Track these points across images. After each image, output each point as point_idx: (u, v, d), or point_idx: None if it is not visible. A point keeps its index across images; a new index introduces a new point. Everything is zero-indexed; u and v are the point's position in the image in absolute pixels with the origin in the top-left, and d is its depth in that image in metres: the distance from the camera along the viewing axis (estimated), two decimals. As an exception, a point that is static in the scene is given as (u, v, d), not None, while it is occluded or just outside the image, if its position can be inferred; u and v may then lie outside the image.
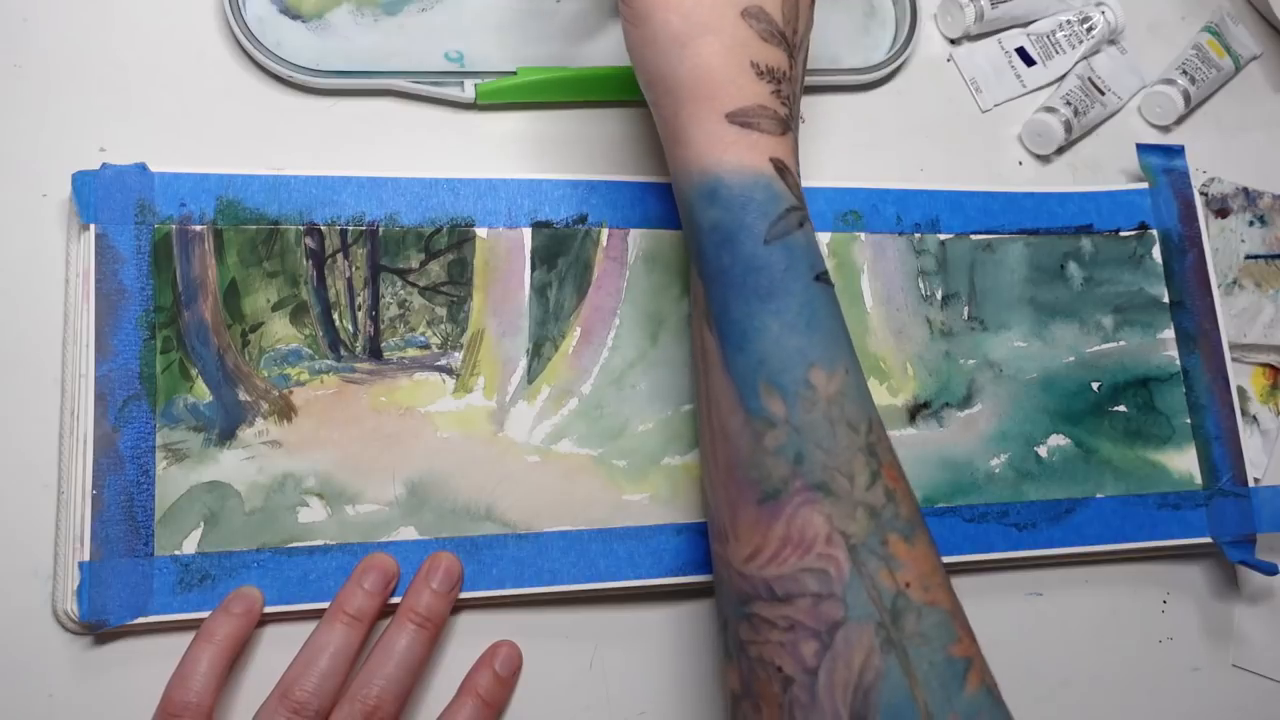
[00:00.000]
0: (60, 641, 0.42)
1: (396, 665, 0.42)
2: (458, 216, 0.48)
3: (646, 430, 0.47)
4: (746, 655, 0.37)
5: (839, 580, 0.36)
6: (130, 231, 0.44)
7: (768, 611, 0.37)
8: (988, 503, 0.50)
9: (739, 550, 0.38)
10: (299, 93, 0.50)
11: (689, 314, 0.49)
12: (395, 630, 0.42)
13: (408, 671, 0.42)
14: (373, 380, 0.45)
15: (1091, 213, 0.55)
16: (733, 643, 0.38)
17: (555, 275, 0.48)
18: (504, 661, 0.45)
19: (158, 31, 0.49)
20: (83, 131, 0.47)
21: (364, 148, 0.50)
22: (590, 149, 0.52)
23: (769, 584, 0.37)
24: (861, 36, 0.57)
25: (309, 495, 0.44)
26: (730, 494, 0.39)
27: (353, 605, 0.42)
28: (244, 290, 0.45)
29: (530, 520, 0.45)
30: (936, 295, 0.53)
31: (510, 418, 0.46)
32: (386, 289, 0.47)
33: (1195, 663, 0.53)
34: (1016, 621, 0.51)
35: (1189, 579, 0.54)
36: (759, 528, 0.37)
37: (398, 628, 0.42)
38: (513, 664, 0.45)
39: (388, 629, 0.42)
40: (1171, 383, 0.54)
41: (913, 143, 0.56)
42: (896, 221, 0.53)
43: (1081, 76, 0.59)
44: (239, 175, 0.46)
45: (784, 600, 0.36)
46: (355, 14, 0.51)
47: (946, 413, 0.51)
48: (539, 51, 0.52)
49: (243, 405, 0.44)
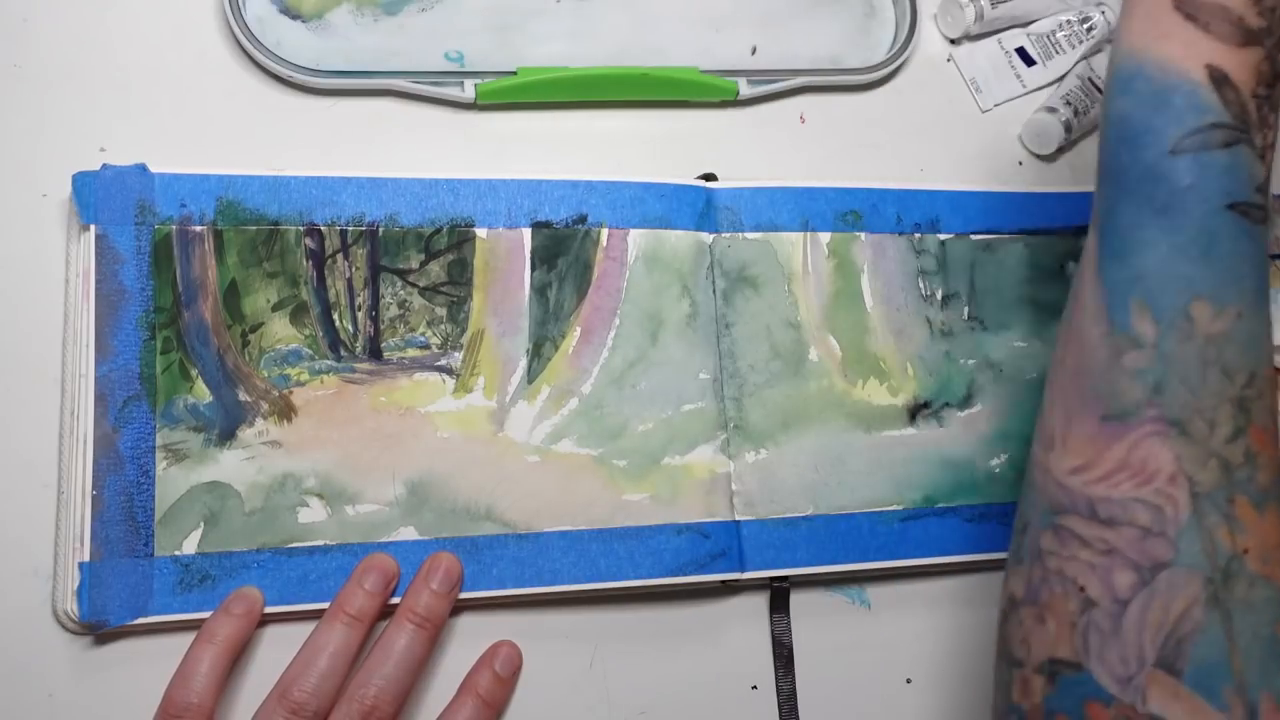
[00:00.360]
0: (60, 641, 0.42)
1: (395, 665, 0.41)
2: (458, 217, 0.48)
3: (646, 430, 0.47)
4: (1043, 564, 0.36)
5: (1173, 522, 0.34)
6: (130, 232, 0.44)
7: (1082, 528, 0.36)
8: (988, 503, 0.50)
9: (1064, 460, 0.37)
10: (299, 93, 0.50)
11: (686, 314, 0.49)
12: (394, 630, 0.42)
13: (406, 671, 0.42)
14: (373, 380, 0.45)
15: (1091, 213, 0.55)
16: (1029, 548, 0.37)
17: (555, 275, 0.48)
18: (504, 661, 0.45)
19: (158, 31, 0.49)
20: (83, 132, 0.47)
21: (364, 148, 0.50)
22: (590, 149, 0.52)
23: (1092, 502, 0.36)
24: (861, 36, 0.57)
25: (309, 495, 0.44)
26: (1070, 402, 0.37)
27: (353, 605, 0.42)
28: (244, 290, 0.45)
29: (530, 520, 0.45)
30: (936, 295, 0.53)
31: (510, 418, 0.46)
32: (386, 289, 0.47)
33: (1195, 663, 0.53)
34: (1016, 621, 0.51)
35: (1189, 579, 0.54)
36: (1095, 444, 0.36)
37: (397, 628, 0.42)
38: (513, 664, 0.45)
39: (386, 629, 0.42)
40: (1171, 383, 0.54)
41: (913, 143, 0.56)
42: (896, 221, 0.53)
43: (1081, 76, 0.59)
44: (239, 176, 0.46)
45: (1105, 523, 0.35)
46: (355, 14, 0.51)
47: (947, 413, 0.51)
48: (539, 51, 0.52)
49: (243, 405, 0.44)
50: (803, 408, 0.49)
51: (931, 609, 0.50)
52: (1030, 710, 0.36)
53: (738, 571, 0.47)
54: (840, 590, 0.50)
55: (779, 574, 0.47)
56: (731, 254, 0.50)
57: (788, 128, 0.55)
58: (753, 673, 0.48)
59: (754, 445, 0.48)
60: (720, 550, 0.47)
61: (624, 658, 0.47)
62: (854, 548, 0.48)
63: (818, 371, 0.50)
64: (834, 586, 0.50)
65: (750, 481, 0.48)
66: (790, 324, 0.50)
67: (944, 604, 0.50)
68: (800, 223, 0.51)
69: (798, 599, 0.49)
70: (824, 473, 0.49)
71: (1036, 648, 0.36)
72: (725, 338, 0.49)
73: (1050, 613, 0.36)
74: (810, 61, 0.56)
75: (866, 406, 0.50)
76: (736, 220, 0.51)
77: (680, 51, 0.54)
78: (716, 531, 0.47)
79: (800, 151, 0.55)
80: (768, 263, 0.51)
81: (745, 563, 0.47)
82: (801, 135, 0.55)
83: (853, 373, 0.51)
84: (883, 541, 0.49)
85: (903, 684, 0.49)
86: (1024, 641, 0.37)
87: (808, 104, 0.55)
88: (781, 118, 0.55)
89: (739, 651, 0.48)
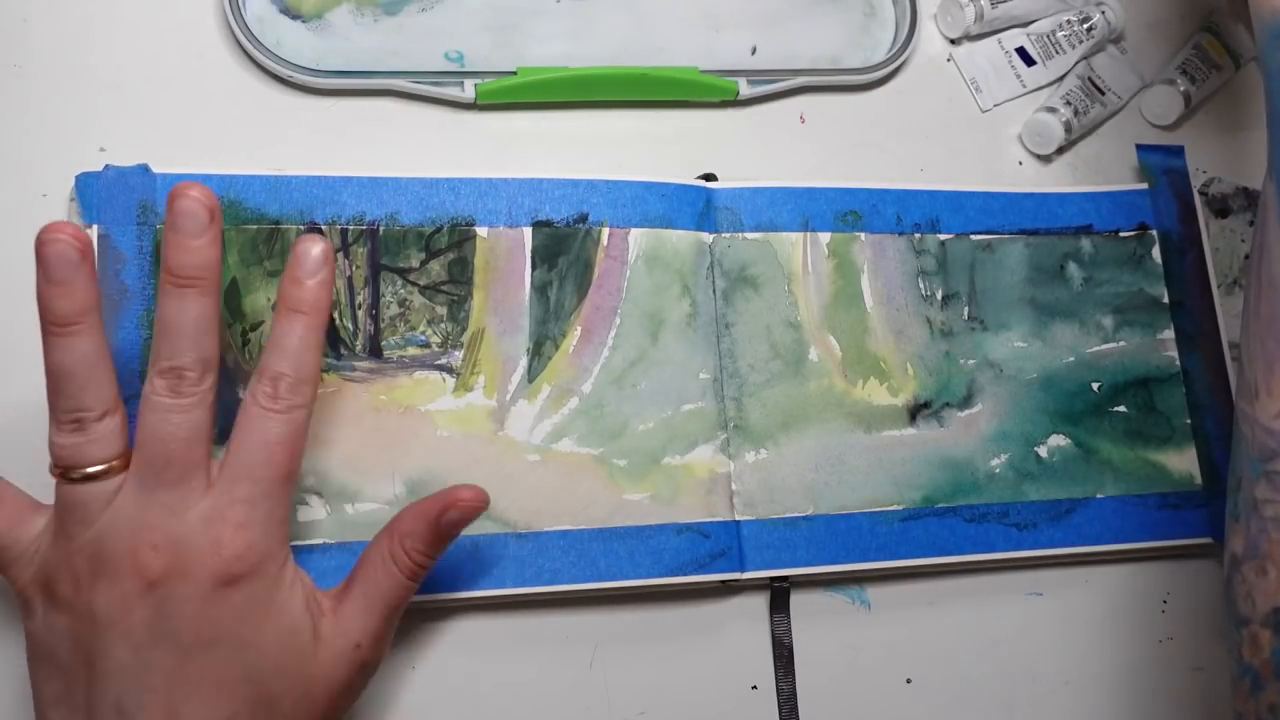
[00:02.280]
0: (60, 641, 0.42)
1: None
2: (458, 216, 0.48)
3: (647, 430, 0.47)
4: (1260, 515, 0.36)
5: None
6: (132, 232, 0.44)
7: None
8: (988, 503, 0.50)
9: (1270, 405, 0.36)
10: (299, 93, 0.50)
11: (686, 314, 0.49)
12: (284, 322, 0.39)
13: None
14: (373, 379, 0.45)
15: (1091, 213, 0.56)
16: (1245, 502, 0.36)
17: (556, 274, 0.48)
18: (300, 264, 0.39)
19: (157, 31, 0.49)
20: (83, 132, 0.47)
21: (364, 147, 0.50)
22: (590, 149, 0.52)
23: None
24: (861, 36, 0.57)
25: (308, 494, 0.44)
26: (1270, 348, 0.37)
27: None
28: (245, 289, 0.45)
29: (530, 519, 0.45)
30: (936, 295, 0.53)
31: (510, 416, 0.46)
32: (387, 288, 0.47)
33: (1195, 663, 0.53)
34: (1016, 621, 0.51)
35: (1189, 579, 0.54)
36: None
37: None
38: (309, 261, 0.39)
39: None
40: (1171, 383, 0.54)
41: (913, 143, 0.56)
42: (896, 221, 0.53)
43: (1081, 76, 0.59)
44: (240, 175, 0.46)
45: None
46: (355, 14, 0.51)
47: (947, 413, 0.51)
48: (539, 51, 0.52)
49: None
50: (803, 408, 0.49)
51: (931, 609, 0.50)
52: (1261, 666, 0.35)
53: (738, 571, 0.47)
54: (840, 590, 0.50)
55: (779, 574, 0.47)
56: (731, 254, 0.50)
57: (788, 128, 0.55)
58: (753, 673, 0.48)
59: (754, 445, 0.48)
60: (720, 550, 0.47)
61: (624, 658, 0.47)
62: (854, 548, 0.48)
63: (818, 371, 0.50)
64: (834, 586, 0.50)
65: (750, 481, 0.48)
66: (790, 324, 0.50)
67: (944, 604, 0.50)
68: (800, 223, 0.51)
69: (798, 599, 0.49)
70: (824, 473, 0.49)
71: (1261, 601, 0.35)
72: (725, 338, 0.49)
73: (1271, 562, 0.35)
74: (810, 61, 0.56)
75: (866, 406, 0.50)
76: (736, 220, 0.51)
77: (680, 51, 0.54)
78: (716, 531, 0.47)
79: (800, 151, 0.55)
80: (768, 263, 0.51)
81: (745, 563, 0.47)
82: (801, 135, 0.55)
83: (853, 373, 0.51)
84: (883, 541, 0.49)
85: (903, 684, 0.49)
86: (1248, 597, 0.36)
87: (808, 104, 0.56)
88: (781, 118, 0.55)
89: (739, 651, 0.48)
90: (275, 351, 0.38)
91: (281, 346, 0.38)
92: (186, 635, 0.35)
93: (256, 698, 0.36)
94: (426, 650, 0.45)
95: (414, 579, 0.40)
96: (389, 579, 0.39)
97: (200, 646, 0.36)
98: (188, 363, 0.37)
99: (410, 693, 0.44)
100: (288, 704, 0.37)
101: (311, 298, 0.38)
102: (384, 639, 0.40)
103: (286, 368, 0.38)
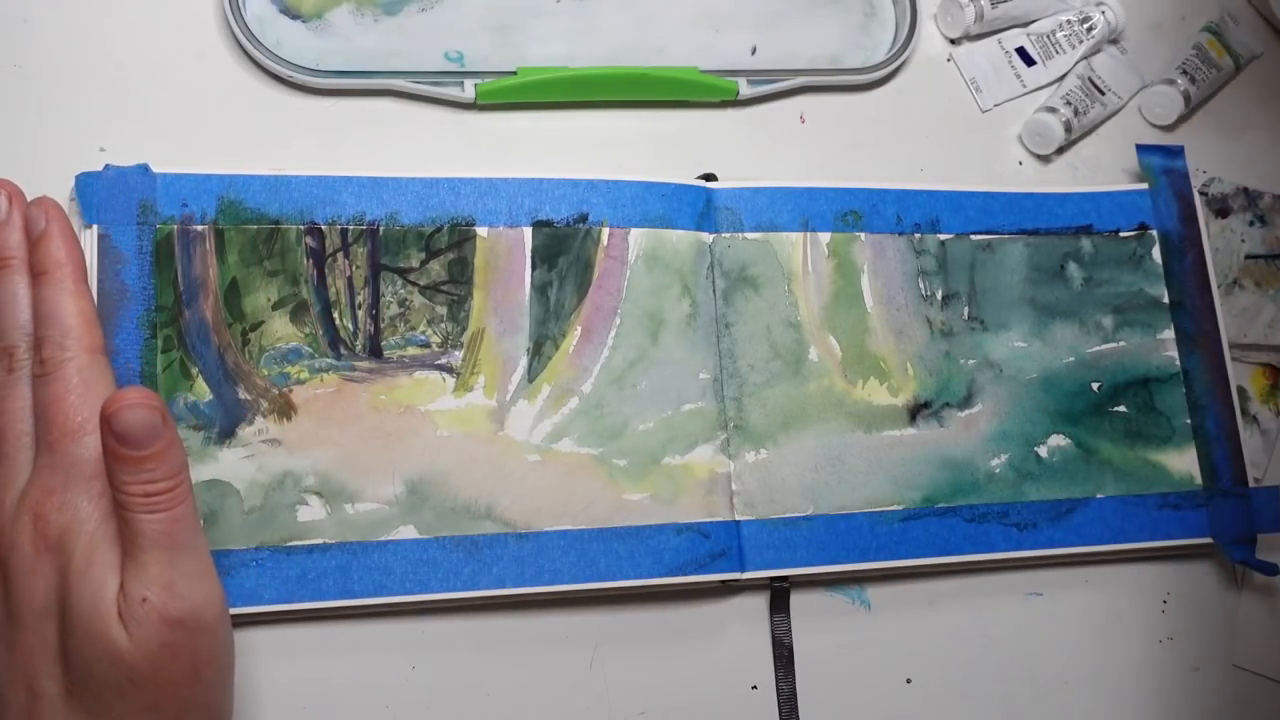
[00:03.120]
0: (60, 640, 0.42)
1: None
2: (458, 216, 0.48)
3: (647, 430, 0.47)
4: None
5: None
6: (133, 232, 0.44)
7: None
8: (988, 503, 0.50)
9: None
10: (299, 93, 0.50)
11: (686, 314, 0.49)
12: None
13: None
14: (373, 379, 0.45)
15: (1091, 213, 0.56)
16: None
17: (556, 274, 0.48)
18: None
19: (158, 31, 0.49)
20: (83, 131, 0.47)
21: (364, 147, 0.50)
22: (590, 149, 0.52)
23: None
24: (861, 36, 0.57)
25: (308, 494, 0.44)
26: None
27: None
28: (245, 289, 0.45)
29: (530, 519, 0.45)
30: (936, 295, 0.53)
31: (510, 416, 0.46)
32: (387, 288, 0.47)
33: (1195, 663, 0.53)
34: (1016, 621, 0.51)
35: (1189, 579, 0.54)
36: None
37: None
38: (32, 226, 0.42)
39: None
40: (1171, 383, 0.54)
41: (913, 143, 0.56)
42: (896, 221, 0.53)
43: (1081, 76, 0.59)
44: (240, 175, 0.46)
45: None
46: (355, 14, 0.51)
47: (947, 413, 0.51)
48: (539, 51, 0.52)
49: (243, 404, 0.44)
50: (803, 408, 0.49)
51: (931, 609, 0.50)
52: None
53: (738, 571, 0.47)
54: (840, 590, 0.50)
55: (779, 574, 0.47)
56: (731, 254, 0.50)
57: (788, 128, 0.55)
58: (753, 673, 0.48)
59: (754, 445, 0.48)
60: (720, 550, 0.47)
61: (624, 658, 0.47)
62: (854, 548, 0.48)
63: (818, 371, 0.50)
64: (834, 586, 0.50)
65: (750, 481, 0.48)
66: (790, 324, 0.50)
67: (944, 604, 0.50)
68: (800, 223, 0.51)
69: (798, 599, 0.49)
70: (824, 473, 0.49)
71: None
72: (725, 338, 0.49)
73: None
74: (810, 61, 0.56)
75: (866, 406, 0.50)
76: (736, 220, 0.51)
77: (680, 51, 0.54)
78: (716, 531, 0.47)
79: (800, 151, 0.55)
80: (768, 263, 0.51)
81: (745, 563, 0.47)
82: (801, 135, 0.55)
83: (853, 373, 0.51)
84: (883, 541, 0.49)
85: (903, 684, 0.49)
86: None
87: (808, 104, 0.56)
88: (781, 118, 0.55)
89: (739, 651, 0.48)
90: (37, 320, 0.40)
91: (40, 313, 0.40)
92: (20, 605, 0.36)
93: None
94: (426, 650, 0.45)
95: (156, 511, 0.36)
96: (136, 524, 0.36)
97: (37, 616, 0.36)
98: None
99: (410, 693, 0.44)
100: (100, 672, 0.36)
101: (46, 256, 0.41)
102: (174, 584, 0.36)
103: (50, 330, 0.39)
